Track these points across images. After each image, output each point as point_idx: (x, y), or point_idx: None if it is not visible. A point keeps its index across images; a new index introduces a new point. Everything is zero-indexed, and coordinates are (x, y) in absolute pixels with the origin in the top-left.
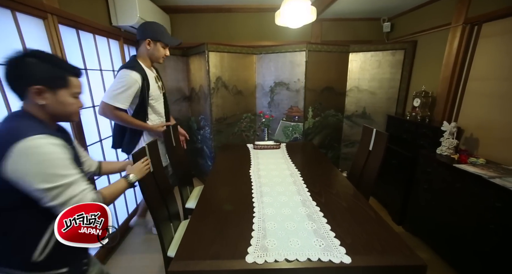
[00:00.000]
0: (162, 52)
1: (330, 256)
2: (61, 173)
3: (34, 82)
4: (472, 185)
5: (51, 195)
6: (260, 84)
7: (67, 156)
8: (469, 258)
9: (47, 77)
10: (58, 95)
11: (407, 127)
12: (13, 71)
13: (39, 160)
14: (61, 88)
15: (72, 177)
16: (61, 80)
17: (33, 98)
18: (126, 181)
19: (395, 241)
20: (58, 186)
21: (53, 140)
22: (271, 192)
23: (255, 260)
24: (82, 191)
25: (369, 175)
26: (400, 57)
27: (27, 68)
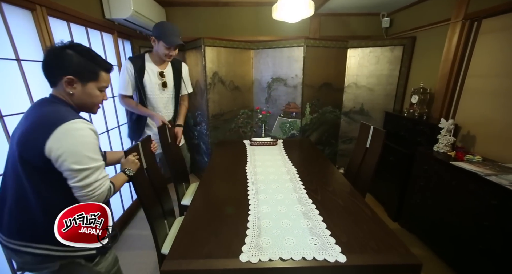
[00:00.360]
0: (163, 50)
1: (325, 255)
2: (94, 156)
3: (68, 73)
4: (468, 182)
5: (80, 176)
6: (258, 80)
7: (97, 142)
8: (464, 255)
9: (81, 69)
10: (87, 87)
11: (405, 124)
12: (53, 60)
13: (80, 141)
14: (91, 81)
15: (99, 162)
16: (92, 74)
17: (64, 87)
18: (125, 175)
19: (391, 240)
20: (88, 168)
21: (90, 125)
22: (267, 189)
23: (249, 259)
24: (104, 177)
25: (366, 172)
26: (399, 53)
27: (66, 58)
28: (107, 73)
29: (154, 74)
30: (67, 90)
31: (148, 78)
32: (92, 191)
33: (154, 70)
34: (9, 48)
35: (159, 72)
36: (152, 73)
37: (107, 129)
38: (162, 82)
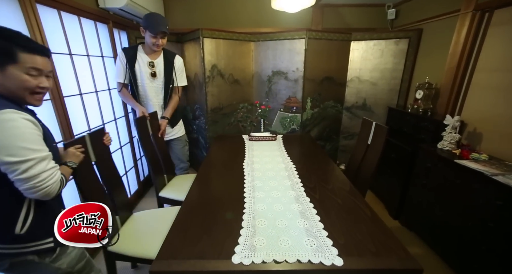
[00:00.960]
0: (149, 39)
1: (321, 258)
2: (33, 147)
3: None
4: (473, 181)
5: (22, 168)
6: (258, 73)
7: (39, 133)
8: (465, 255)
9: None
10: (6, 72)
11: (408, 120)
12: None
13: (12, 133)
14: (8, 64)
15: (43, 152)
16: (9, 55)
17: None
18: (68, 167)
19: (391, 242)
20: (29, 159)
21: (24, 115)
22: (264, 187)
23: (241, 260)
24: (53, 167)
25: (367, 169)
26: (404, 46)
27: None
28: (33, 55)
29: (144, 63)
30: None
31: (139, 67)
32: (41, 182)
33: (144, 59)
34: None
35: (149, 62)
36: (142, 62)
37: (89, 129)
38: (152, 71)
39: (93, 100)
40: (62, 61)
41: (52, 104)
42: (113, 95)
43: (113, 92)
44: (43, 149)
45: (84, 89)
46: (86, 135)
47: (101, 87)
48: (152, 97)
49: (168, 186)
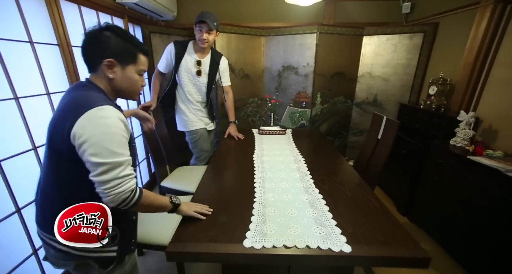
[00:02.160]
0: (197, 35)
1: (330, 245)
2: (116, 150)
3: (108, 55)
4: (486, 178)
5: (98, 171)
6: (268, 68)
7: (126, 135)
8: (475, 252)
9: (120, 51)
10: (126, 71)
11: (420, 116)
12: (91, 42)
13: (102, 131)
14: (130, 63)
15: (122, 157)
16: (131, 56)
17: (104, 71)
18: (169, 202)
19: (399, 233)
20: (107, 163)
21: (119, 114)
22: (274, 178)
23: (252, 245)
24: (126, 175)
25: (376, 164)
26: (419, 41)
27: (104, 40)
28: (145, 56)
29: (192, 61)
30: (107, 75)
31: (185, 63)
32: (110, 190)
33: (193, 57)
34: (23, 31)
35: (197, 61)
36: (190, 59)
37: None
38: (197, 70)
39: None
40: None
41: None
42: None
43: None
44: (123, 153)
45: None
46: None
47: None
48: (193, 93)
49: (170, 177)
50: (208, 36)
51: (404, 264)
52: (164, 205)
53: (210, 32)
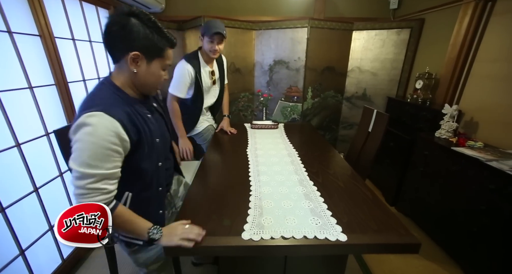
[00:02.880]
0: (207, 46)
1: (326, 234)
2: (91, 162)
3: (134, 48)
4: (469, 168)
5: (73, 174)
6: (259, 62)
7: (114, 147)
8: (457, 237)
9: (147, 44)
10: (152, 65)
11: (407, 109)
12: (118, 31)
13: (84, 139)
14: (156, 58)
15: (97, 170)
16: (158, 50)
17: (128, 64)
18: (146, 232)
19: (391, 221)
20: (79, 171)
21: (112, 124)
22: (268, 171)
23: (251, 237)
24: (96, 189)
25: (367, 156)
26: (406, 36)
27: (132, 30)
28: (171, 49)
29: (207, 74)
30: (131, 68)
31: (204, 78)
32: (77, 196)
33: (206, 70)
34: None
35: (210, 72)
36: (205, 73)
37: None
38: (213, 80)
39: None
40: (65, 46)
41: (56, 89)
42: None
43: None
44: (100, 166)
45: (88, 76)
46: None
47: (104, 74)
48: (207, 102)
49: None
50: (220, 46)
51: (396, 250)
52: (138, 232)
53: (221, 43)
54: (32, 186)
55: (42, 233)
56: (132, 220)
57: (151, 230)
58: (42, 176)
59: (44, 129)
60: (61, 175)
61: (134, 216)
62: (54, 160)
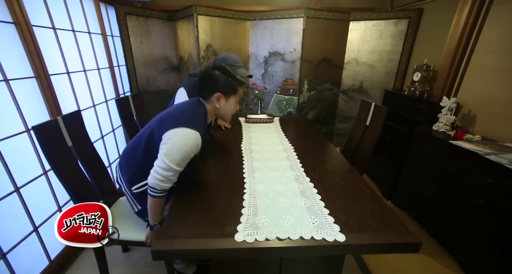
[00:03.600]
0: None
1: (324, 234)
2: (179, 161)
3: (217, 90)
4: (466, 161)
5: (160, 164)
6: (254, 54)
7: (192, 155)
8: (453, 231)
9: (226, 87)
10: (229, 100)
11: (404, 102)
12: (207, 80)
13: (180, 145)
14: (232, 95)
15: (178, 167)
16: (233, 90)
17: (213, 101)
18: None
19: (390, 218)
20: (167, 165)
21: (198, 140)
22: (263, 168)
23: (244, 238)
24: (170, 179)
25: (365, 150)
26: (403, 27)
27: (216, 78)
28: (242, 86)
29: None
30: (215, 105)
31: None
32: (159, 181)
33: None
34: None
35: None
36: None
37: (93, 104)
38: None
39: (82, 80)
40: (45, 36)
41: (37, 82)
42: (103, 76)
43: (102, 72)
44: (182, 165)
45: (72, 68)
46: (59, 118)
47: (90, 66)
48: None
49: None
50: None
51: (396, 249)
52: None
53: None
54: (13, 186)
55: (26, 235)
56: (161, 207)
57: (155, 225)
58: (24, 175)
59: (24, 124)
60: (45, 173)
61: (163, 205)
62: (37, 158)
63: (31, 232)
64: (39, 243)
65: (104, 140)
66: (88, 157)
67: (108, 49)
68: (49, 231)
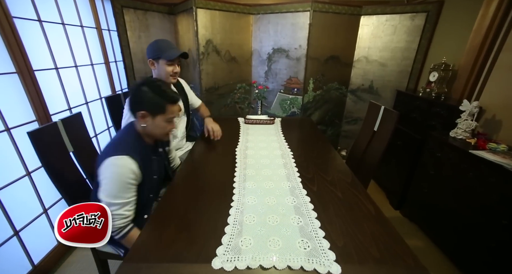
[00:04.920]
0: (165, 69)
1: (316, 264)
2: (116, 194)
3: (142, 108)
4: (489, 175)
5: (103, 201)
6: (257, 50)
7: (132, 181)
8: (471, 251)
9: (151, 104)
10: (156, 120)
11: (418, 105)
12: (132, 97)
13: (112, 177)
14: (159, 114)
15: (119, 199)
16: (160, 108)
17: (138, 120)
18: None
19: (397, 246)
20: (115, 203)
21: (131, 165)
22: (256, 176)
23: (223, 265)
24: (118, 215)
25: (371, 159)
26: (420, 22)
27: (140, 95)
28: (173, 105)
29: None
30: (140, 124)
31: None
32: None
33: None
34: None
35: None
36: None
37: (86, 102)
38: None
39: (73, 76)
40: (29, 29)
41: (19, 78)
42: (97, 71)
43: (96, 67)
44: (122, 196)
45: (61, 63)
46: (59, 121)
47: (82, 62)
48: (177, 133)
49: None
50: (178, 68)
51: None
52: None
53: (179, 63)
54: None
55: (6, 239)
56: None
57: None
58: (3, 177)
59: (4, 123)
60: (28, 174)
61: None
62: (19, 158)
63: (11, 236)
64: (21, 248)
65: (98, 139)
66: (90, 163)
67: (103, 44)
68: (33, 234)
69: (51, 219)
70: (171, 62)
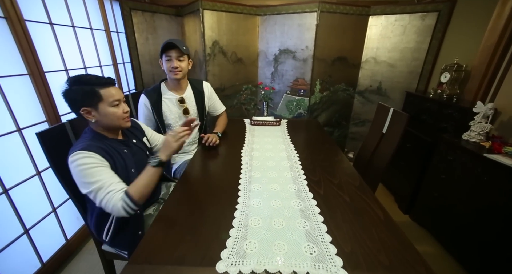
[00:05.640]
0: (165, 65)
1: (322, 270)
2: (89, 180)
3: (80, 105)
4: (505, 180)
5: (91, 196)
6: (263, 52)
7: (94, 165)
8: (485, 260)
9: (85, 97)
10: (100, 110)
11: (429, 106)
12: (67, 101)
13: (75, 171)
14: (98, 102)
15: (97, 183)
16: (94, 95)
17: (86, 118)
18: (150, 167)
19: (407, 254)
20: (90, 191)
21: (86, 153)
22: (262, 178)
23: (227, 269)
24: (108, 193)
25: (379, 162)
26: (431, 21)
27: (72, 94)
28: (107, 88)
29: (173, 102)
30: (89, 120)
31: (168, 108)
32: (105, 207)
33: (172, 98)
34: None
35: (178, 99)
36: (170, 102)
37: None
38: (183, 109)
39: None
40: (41, 31)
41: (30, 80)
42: (106, 73)
43: (105, 69)
44: (96, 180)
45: (71, 65)
46: (66, 123)
47: (91, 63)
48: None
49: None
50: (180, 63)
51: None
52: (152, 175)
53: (181, 59)
54: (1, 187)
55: (16, 237)
56: (140, 180)
57: (150, 162)
58: (14, 176)
59: (15, 124)
60: (38, 174)
61: (137, 180)
62: (29, 158)
63: (21, 234)
64: (30, 246)
65: None
66: None
67: (112, 46)
68: (42, 233)
69: (59, 218)
70: (169, 58)
